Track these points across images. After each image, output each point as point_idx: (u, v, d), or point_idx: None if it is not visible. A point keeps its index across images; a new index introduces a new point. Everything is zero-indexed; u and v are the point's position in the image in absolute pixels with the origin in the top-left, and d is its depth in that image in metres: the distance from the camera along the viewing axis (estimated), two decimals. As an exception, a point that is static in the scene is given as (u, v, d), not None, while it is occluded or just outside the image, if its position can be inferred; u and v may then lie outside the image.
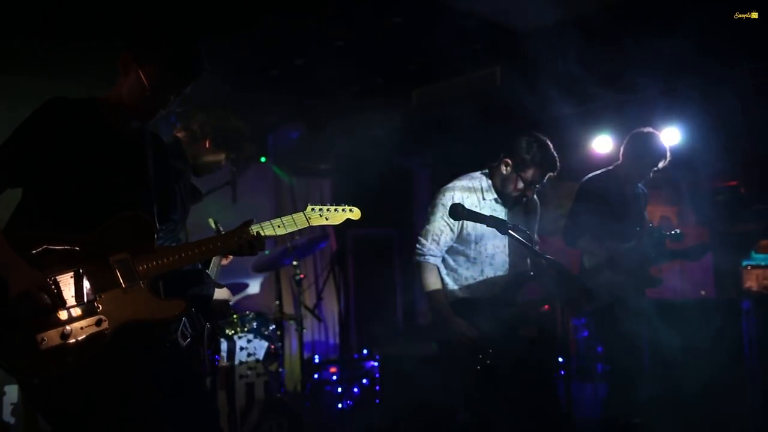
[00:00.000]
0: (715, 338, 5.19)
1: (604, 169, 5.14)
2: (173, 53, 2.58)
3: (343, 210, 3.15)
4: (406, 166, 9.21)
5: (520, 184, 4.23)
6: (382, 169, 6.91)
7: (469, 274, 4.27)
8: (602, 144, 6.82)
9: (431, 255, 4.24)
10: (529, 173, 4.20)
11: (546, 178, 4.26)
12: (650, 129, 5.05)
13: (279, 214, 8.16)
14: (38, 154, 2.53)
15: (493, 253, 4.28)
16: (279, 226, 2.94)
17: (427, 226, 4.27)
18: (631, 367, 4.81)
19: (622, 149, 5.09)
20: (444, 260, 4.30)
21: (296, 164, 8.27)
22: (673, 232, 4.76)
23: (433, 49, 5.68)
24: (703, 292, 6.86)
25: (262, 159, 7.50)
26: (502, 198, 4.33)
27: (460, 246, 4.26)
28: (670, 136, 6.17)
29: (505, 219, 4.22)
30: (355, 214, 3.18)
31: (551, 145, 4.26)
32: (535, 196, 4.49)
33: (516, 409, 4.06)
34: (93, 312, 2.48)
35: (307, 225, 3.03)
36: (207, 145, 3.74)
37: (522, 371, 4.09)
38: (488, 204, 4.29)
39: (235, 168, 4.37)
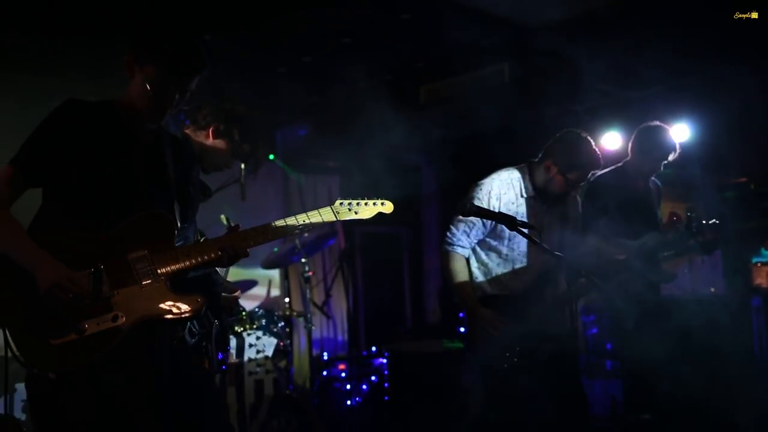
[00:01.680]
0: (725, 335, 5.18)
1: (613, 167, 5.09)
2: (169, 51, 2.58)
3: (374, 204, 3.01)
4: (415, 163, 9.21)
5: (566, 185, 4.17)
6: (390, 167, 6.90)
7: (500, 271, 4.21)
8: (611, 140, 6.79)
9: (460, 246, 4.18)
10: (575, 174, 4.15)
11: (590, 175, 4.22)
12: (658, 122, 5.00)
13: (287, 211, 8.13)
14: (56, 155, 2.56)
15: (527, 251, 4.22)
16: (304, 221, 2.86)
17: (460, 217, 4.17)
18: (643, 365, 4.79)
19: (630, 144, 5.04)
20: (475, 252, 4.24)
21: (304, 161, 8.28)
22: (712, 222, 4.60)
23: (441, 46, 5.67)
24: (712, 289, 6.84)
25: (271, 156, 7.51)
26: (542, 196, 4.24)
27: (493, 241, 4.20)
28: (679, 132, 6.14)
29: (538, 219, 4.17)
30: (387, 207, 3.03)
31: (593, 142, 4.20)
32: (576, 194, 4.44)
33: (541, 408, 4.02)
34: (109, 308, 2.50)
35: (334, 219, 2.92)
36: (210, 135, 3.66)
37: (549, 370, 4.04)
38: (526, 201, 4.22)
39: (248, 167, 4.29)
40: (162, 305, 2.57)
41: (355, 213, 2.95)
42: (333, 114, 7.27)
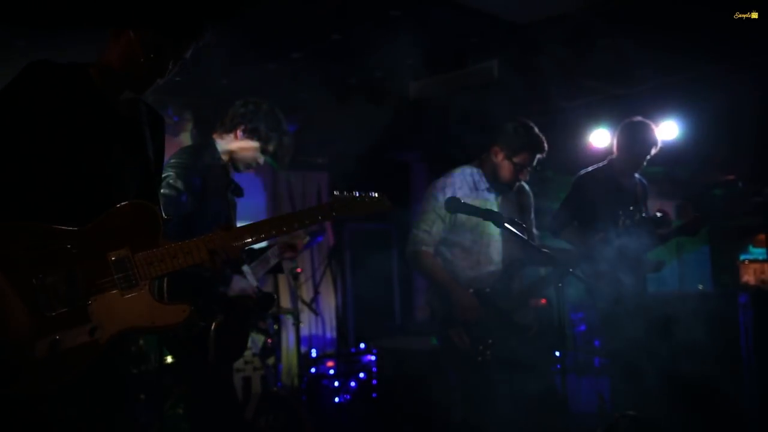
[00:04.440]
0: (713, 332, 5.20)
1: (598, 165, 5.12)
2: (168, 14, 2.34)
3: (372, 200, 2.87)
4: (403, 159, 9.20)
5: (512, 170, 4.30)
6: (379, 163, 6.90)
7: (466, 265, 4.29)
8: (600, 138, 6.80)
9: (424, 244, 4.27)
10: (520, 157, 4.29)
11: (536, 159, 4.33)
12: (640, 118, 5.04)
13: (276, 209, 8.07)
14: (18, 127, 2.21)
15: (489, 242, 4.32)
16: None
17: (421, 216, 4.33)
18: (631, 361, 4.80)
19: (615, 141, 5.08)
20: (441, 253, 4.31)
21: (293, 158, 8.24)
22: (657, 215, 4.64)
23: (430, 43, 5.66)
24: (700, 286, 6.87)
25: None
26: (495, 186, 4.38)
27: (455, 237, 4.29)
28: (668, 129, 6.16)
29: (498, 210, 4.26)
30: (385, 204, 2.91)
31: (536, 127, 4.36)
32: (526, 186, 4.55)
33: (513, 401, 4.07)
34: (86, 319, 2.18)
35: (330, 218, 2.82)
36: (237, 136, 3.81)
37: (520, 362, 4.10)
38: (481, 194, 4.34)
39: (277, 161, 4.29)
40: (144, 315, 2.25)
41: (351, 210, 2.80)
42: (322, 111, 7.25)
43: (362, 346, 7.80)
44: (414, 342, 6.53)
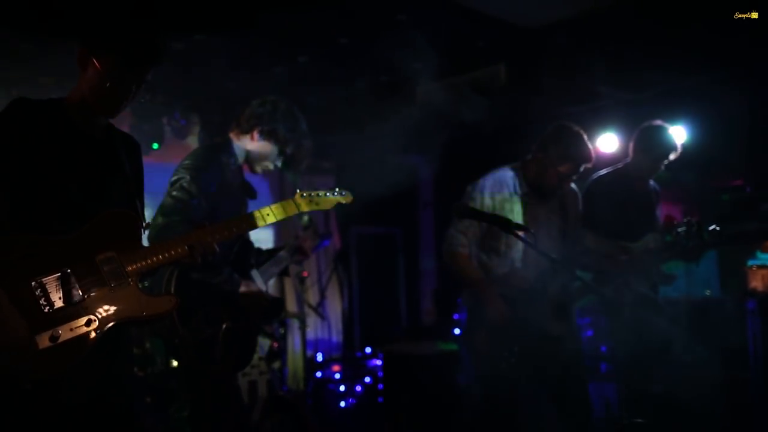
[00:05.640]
0: (720, 338, 5.17)
1: (613, 167, 5.08)
2: (126, 42, 2.51)
3: (333, 194, 3.11)
4: (410, 163, 9.19)
5: (557, 178, 4.21)
6: (386, 167, 6.88)
7: (500, 269, 4.24)
8: (608, 142, 6.78)
9: (460, 245, 4.23)
10: (566, 167, 4.19)
11: (582, 169, 4.23)
12: (659, 122, 5.00)
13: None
14: (7, 158, 2.48)
15: (524, 247, 4.24)
16: (268, 215, 2.90)
17: (456, 220, 4.26)
18: (637, 367, 4.78)
19: (631, 144, 5.03)
20: (477, 257, 4.27)
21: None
22: (717, 228, 4.40)
23: (437, 47, 5.66)
24: (708, 292, 6.82)
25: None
26: (537, 192, 4.29)
27: (491, 241, 4.24)
28: (676, 134, 6.13)
29: (538, 215, 4.19)
30: (346, 197, 3.13)
31: (585, 136, 4.24)
32: (573, 186, 4.46)
33: (540, 410, 4.03)
34: (81, 313, 2.42)
35: (297, 211, 2.99)
36: (254, 137, 3.75)
37: (549, 370, 4.05)
38: (520, 198, 4.26)
39: (293, 165, 4.24)
40: (134, 306, 2.50)
41: (316, 204, 3.07)
42: (329, 114, 7.25)
43: (368, 350, 7.78)
44: (420, 346, 6.52)
